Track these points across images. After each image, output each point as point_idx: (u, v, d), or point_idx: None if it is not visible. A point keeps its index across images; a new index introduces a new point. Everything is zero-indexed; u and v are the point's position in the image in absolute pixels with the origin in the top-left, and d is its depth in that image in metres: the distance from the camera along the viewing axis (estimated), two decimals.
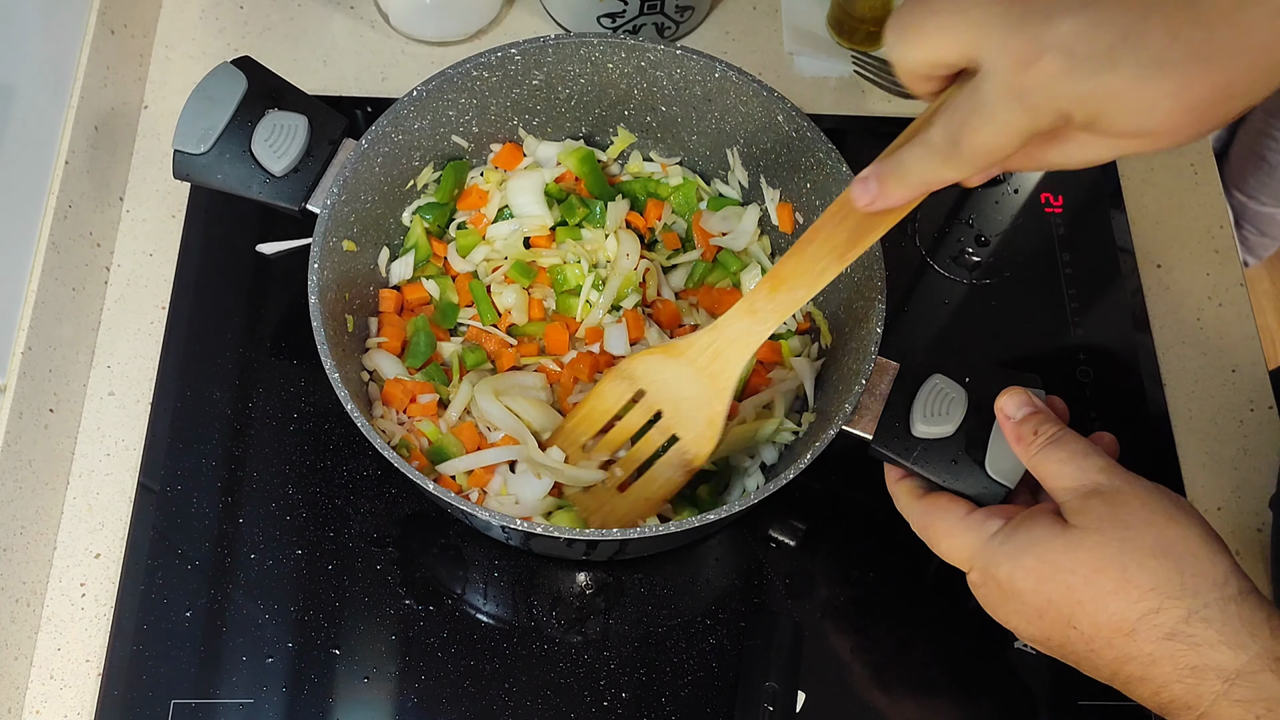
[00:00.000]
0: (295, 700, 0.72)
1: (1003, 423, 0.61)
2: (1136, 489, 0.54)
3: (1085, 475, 0.56)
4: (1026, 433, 0.59)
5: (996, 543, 0.57)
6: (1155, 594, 0.51)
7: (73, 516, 0.77)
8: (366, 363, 0.76)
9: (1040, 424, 0.59)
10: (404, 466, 0.62)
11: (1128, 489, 0.54)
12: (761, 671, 0.71)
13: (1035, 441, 0.58)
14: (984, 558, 0.57)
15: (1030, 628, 0.56)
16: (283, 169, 0.73)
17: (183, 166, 0.73)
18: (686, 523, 0.62)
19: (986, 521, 0.58)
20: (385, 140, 0.73)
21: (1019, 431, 0.60)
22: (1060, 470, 0.57)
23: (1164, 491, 0.55)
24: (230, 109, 0.73)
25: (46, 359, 0.75)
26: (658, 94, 0.78)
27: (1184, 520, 0.53)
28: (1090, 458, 0.56)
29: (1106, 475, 0.55)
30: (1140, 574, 0.52)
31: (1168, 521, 0.53)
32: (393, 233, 0.79)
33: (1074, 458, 0.56)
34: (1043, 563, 0.54)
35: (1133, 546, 0.52)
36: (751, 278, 0.79)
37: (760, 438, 0.73)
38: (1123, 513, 0.53)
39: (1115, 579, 0.52)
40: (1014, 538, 0.56)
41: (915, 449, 0.65)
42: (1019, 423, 0.60)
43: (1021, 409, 0.60)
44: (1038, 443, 0.58)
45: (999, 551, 0.56)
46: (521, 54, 0.74)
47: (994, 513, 0.59)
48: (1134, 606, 0.51)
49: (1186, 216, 0.92)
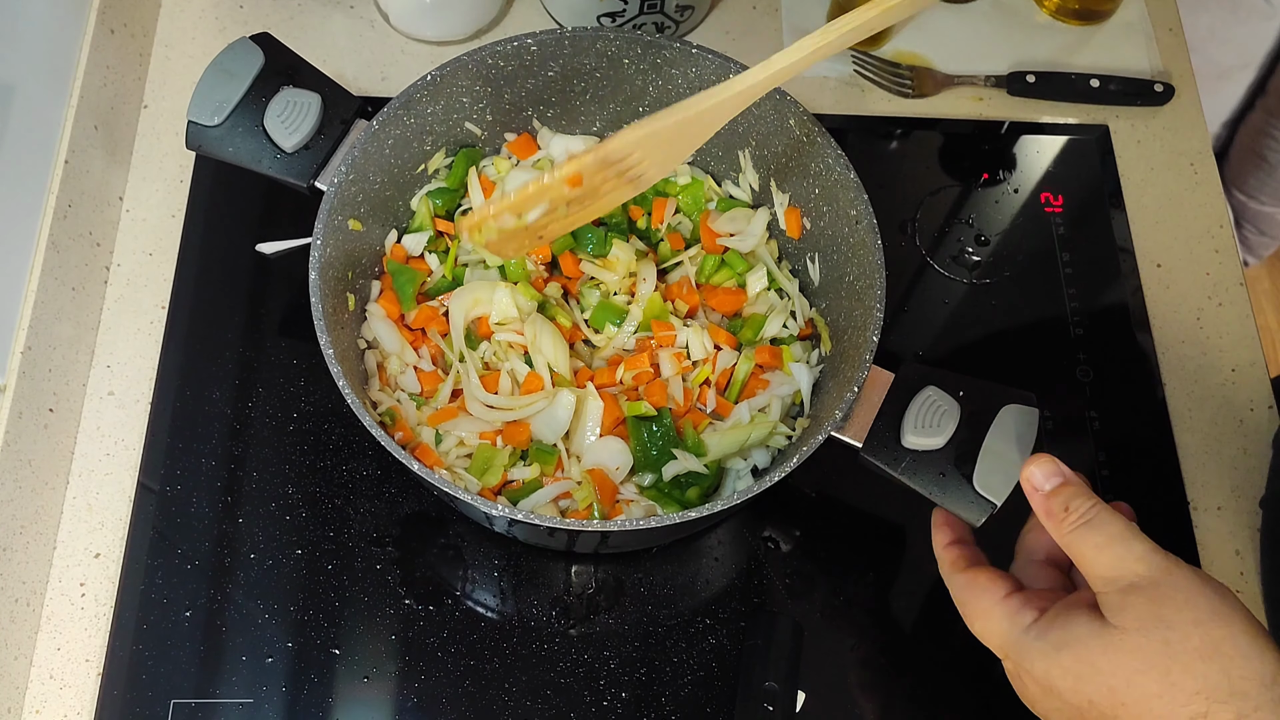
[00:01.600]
0: (295, 700, 0.72)
1: (1030, 494, 0.57)
2: (1179, 582, 0.51)
3: (1124, 565, 0.52)
4: (1057, 508, 0.55)
5: (1031, 636, 0.55)
6: (1201, 698, 0.49)
7: (73, 516, 0.77)
8: (365, 332, 0.76)
9: (1072, 499, 0.55)
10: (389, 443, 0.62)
11: (1169, 583, 0.51)
12: (761, 671, 0.72)
13: (1067, 519, 0.55)
14: (1018, 650, 0.55)
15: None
16: (294, 145, 0.73)
17: (195, 138, 0.74)
18: (669, 518, 0.62)
19: (1022, 611, 0.56)
20: (396, 122, 0.73)
21: (1049, 506, 0.56)
22: (1097, 557, 0.53)
23: (1206, 581, 0.52)
24: (246, 83, 0.74)
25: (46, 359, 0.75)
26: (672, 91, 0.78)
27: (1229, 615, 0.51)
28: (1129, 543, 0.53)
29: (1147, 565, 0.52)
30: (1185, 677, 0.50)
31: (1212, 619, 0.50)
32: (401, 215, 0.80)
33: (1111, 543, 0.53)
34: (1080, 663, 0.52)
35: (1177, 649, 0.50)
36: (758, 279, 0.79)
37: (753, 441, 0.73)
38: (1166, 610, 0.51)
39: (1159, 682, 0.50)
40: (1049, 634, 0.54)
41: (904, 459, 0.65)
42: (1048, 495, 0.56)
43: (1050, 479, 0.56)
44: (1070, 520, 0.55)
45: (1033, 647, 0.54)
46: (538, 44, 0.75)
47: (1030, 601, 0.56)
48: (1180, 711, 0.50)
49: (1186, 216, 0.92)
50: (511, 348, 0.74)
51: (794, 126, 0.74)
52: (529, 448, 0.72)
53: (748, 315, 0.79)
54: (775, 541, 0.78)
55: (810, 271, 0.79)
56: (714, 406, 0.75)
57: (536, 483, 0.71)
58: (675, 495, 0.72)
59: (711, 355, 0.76)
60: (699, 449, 0.72)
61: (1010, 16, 1.00)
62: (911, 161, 0.94)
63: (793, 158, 0.76)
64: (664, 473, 0.72)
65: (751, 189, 0.82)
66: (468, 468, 0.71)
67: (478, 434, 0.72)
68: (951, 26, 0.99)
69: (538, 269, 0.78)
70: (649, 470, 0.72)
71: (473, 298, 0.75)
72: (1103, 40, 0.99)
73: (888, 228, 0.71)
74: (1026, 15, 1.00)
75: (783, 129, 0.75)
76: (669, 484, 0.72)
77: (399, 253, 0.78)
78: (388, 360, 0.75)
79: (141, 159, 0.90)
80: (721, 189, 0.84)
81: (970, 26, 0.99)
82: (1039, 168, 0.94)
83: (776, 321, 0.78)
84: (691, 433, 0.73)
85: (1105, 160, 0.94)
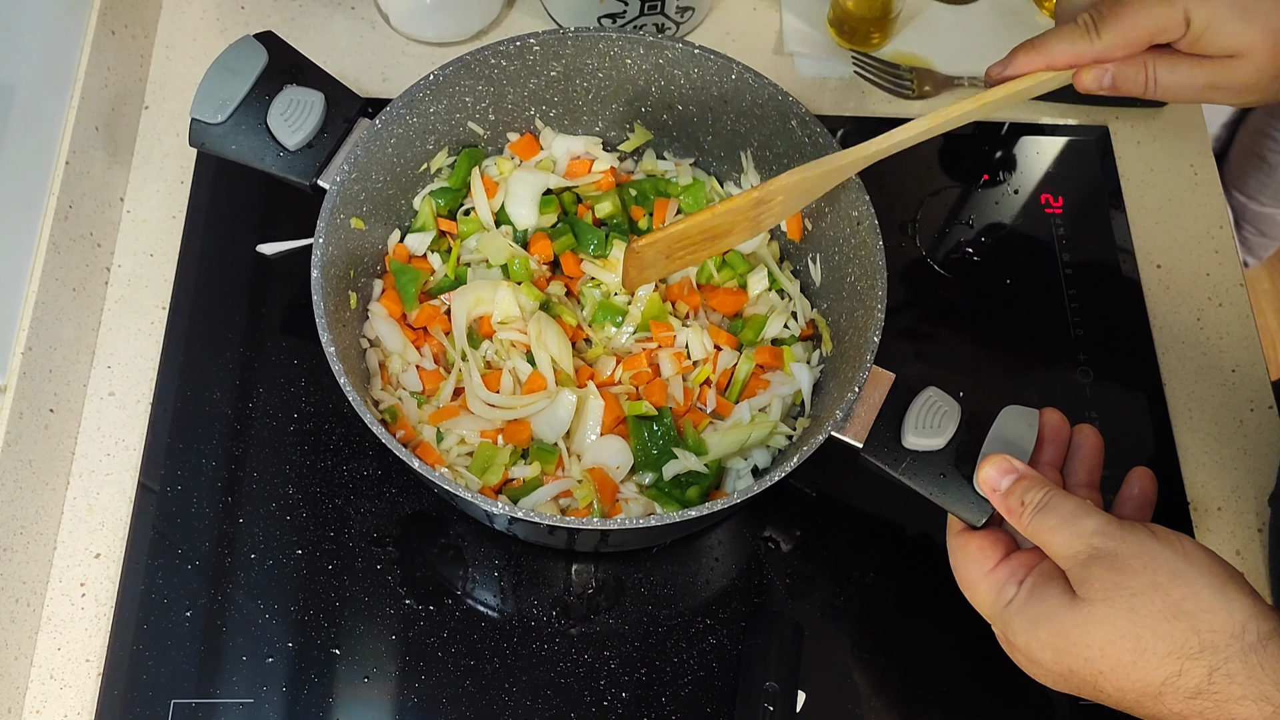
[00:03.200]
0: (295, 700, 0.72)
1: (989, 496, 0.59)
2: (1136, 548, 0.53)
3: (1080, 541, 0.54)
4: (1015, 504, 0.57)
5: (1012, 611, 0.57)
6: (1173, 658, 0.50)
7: (73, 516, 0.77)
8: (367, 331, 0.76)
9: (1026, 491, 0.57)
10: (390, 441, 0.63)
11: (1126, 550, 0.53)
12: (761, 671, 0.72)
13: (1025, 511, 0.57)
14: (1003, 623, 0.57)
15: (1060, 686, 0.56)
16: (297, 144, 0.74)
17: (198, 135, 0.74)
18: (668, 517, 0.62)
19: (1006, 585, 0.58)
20: (399, 121, 0.74)
21: (1008, 505, 0.58)
22: (1054, 539, 0.55)
23: (1166, 541, 0.53)
24: (249, 81, 0.74)
25: (47, 359, 0.75)
26: (675, 92, 0.78)
27: (1187, 572, 0.52)
28: (1080, 520, 0.55)
29: (1102, 538, 0.54)
30: (1155, 640, 0.51)
31: (1173, 580, 0.52)
32: (403, 214, 0.80)
33: (1064, 523, 0.55)
34: (1056, 636, 0.54)
35: (1143, 614, 0.51)
36: (759, 280, 0.79)
37: (754, 440, 0.73)
38: (1126, 578, 0.52)
39: (1131, 650, 0.51)
40: (1026, 609, 0.56)
41: (905, 460, 0.65)
42: (1005, 495, 0.58)
43: (1005, 478, 0.58)
44: (1027, 513, 0.56)
45: (1014, 621, 0.56)
46: (541, 44, 0.75)
47: (1015, 573, 0.58)
48: (1155, 673, 0.51)
49: (1186, 216, 0.92)
50: (514, 347, 0.75)
51: (795, 128, 0.74)
52: (530, 446, 0.72)
53: (749, 316, 0.79)
54: (775, 541, 0.78)
55: (812, 272, 0.79)
56: (714, 406, 0.75)
57: (537, 481, 0.71)
58: (675, 495, 0.72)
59: (712, 355, 0.76)
60: (699, 448, 0.72)
61: (1010, 17, 1.00)
62: (911, 162, 0.93)
63: (794, 159, 0.76)
64: (664, 472, 0.72)
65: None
66: (468, 466, 0.71)
67: (479, 432, 0.72)
68: (951, 27, 0.99)
69: (540, 269, 0.78)
70: (649, 469, 0.72)
71: (475, 297, 0.75)
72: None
73: (888, 228, 0.71)
74: (1026, 15, 1.00)
75: (784, 130, 0.75)
76: (669, 483, 0.72)
77: (402, 252, 0.78)
78: (389, 359, 0.75)
79: (142, 160, 0.90)
80: (724, 190, 0.84)
81: (970, 27, 0.99)
82: (1039, 168, 0.94)
83: (778, 322, 0.78)
84: (692, 432, 0.73)
85: (1105, 161, 0.94)
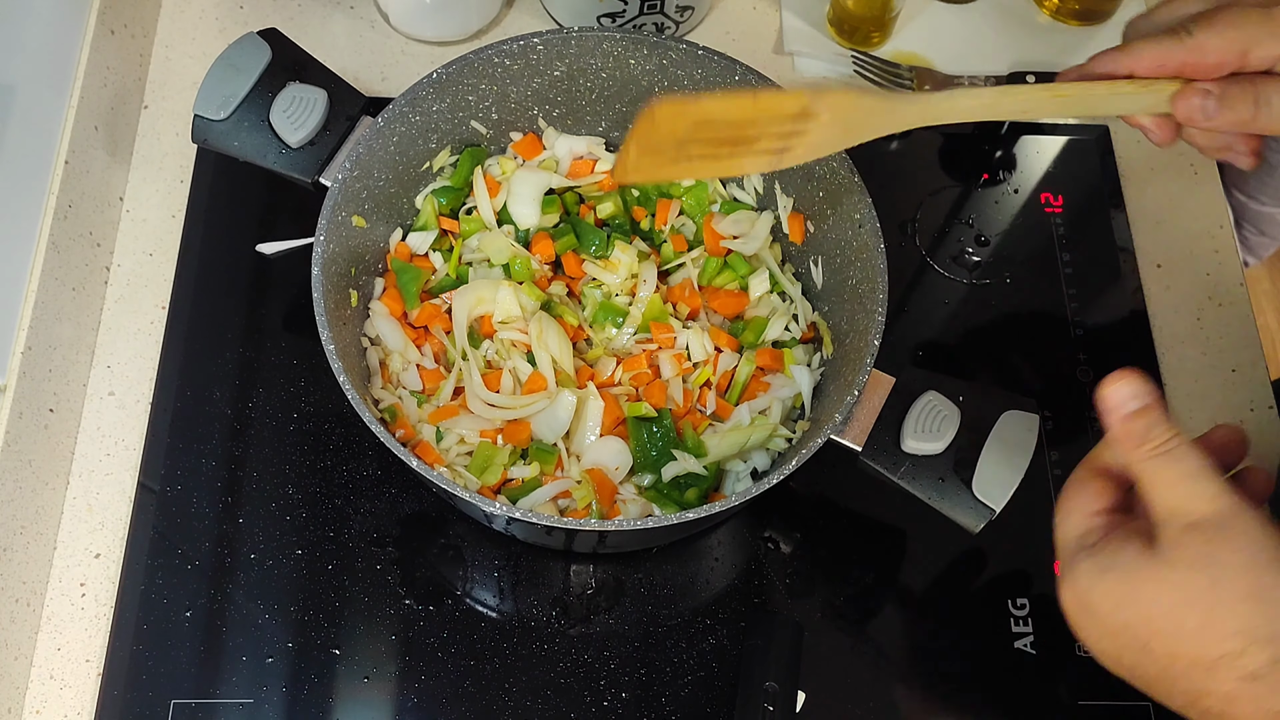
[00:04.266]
0: (295, 700, 0.72)
1: (1108, 412, 0.54)
2: (1242, 525, 0.50)
3: (1192, 503, 0.51)
4: (1137, 431, 0.52)
5: (1087, 552, 0.53)
6: (1240, 637, 0.49)
7: (73, 516, 0.77)
8: (368, 329, 0.76)
9: (1153, 425, 0.52)
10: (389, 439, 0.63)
11: (1232, 525, 0.50)
12: (761, 671, 0.71)
13: (1145, 446, 0.52)
14: (1069, 562, 0.54)
15: (1102, 644, 0.53)
16: (299, 141, 0.74)
17: (201, 131, 0.74)
18: (667, 519, 0.62)
19: (1094, 531, 0.54)
20: (402, 120, 0.74)
21: (1129, 429, 0.53)
22: (1168, 491, 0.51)
23: (1272, 530, 0.50)
24: (252, 78, 0.74)
25: (46, 359, 0.75)
26: (678, 93, 0.78)
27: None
28: (1202, 482, 0.51)
29: (1215, 506, 0.50)
30: (1227, 617, 0.49)
31: (1267, 569, 0.49)
32: (406, 213, 0.80)
33: (1184, 479, 0.51)
34: (1124, 585, 0.51)
35: (1225, 589, 0.49)
36: (760, 282, 0.79)
37: (753, 443, 0.73)
38: (1221, 552, 0.49)
39: (1200, 618, 0.49)
40: (1101, 552, 0.53)
41: (904, 464, 0.65)
42: (1130, 416, 0.53)
43: (1136, 399, 0.53)
44: (1147, 449, 0.52)
45: (1085, 561, 0.53)
46: (544, 44, 0.75)
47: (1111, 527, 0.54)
48: (1216, 647, 0.49)
49: (1186, 216, 0.92)
50: (514, 346, 0.75)
51: None
52: (529, 447, 0.72)
53: (750, 318, 0.79)
54: (775, 542, 0.78)
55: (813, 275, 0.79)
56: (714, 408, 0.75)
57: (536, 481, 0.71)
58: (674, 496, 0.72)
59: (712, 357, 0.76)
60: (699, 450, 0.72)
61: (1010, 16, 1.00)
62: (911, 162, 0.94)
63: None
64: (663, 474, 0.72)
65: (756, 191, 0.82)
66: (467, 466, 0.71)
67: (478, 432, 0.72)
68: (951, 27, 0.99)
69: (541, 269, 0.78)
70: (648, 471, 0.72)
71: (476, 296, 0.75)
72: (1103, 41, 0.99)
73: (888, 228, 0.70)
74: (1027, 15, 1.00)
75: None
76: (668, 485, 0.72)
77: (403, 251, 0.78)
78: (390, 357, 0.75)
79: (142, 159, 0.90)
80: (726, 191, 0.84)
81: (970, 27, 0.99)
82: (1039, 168, 0.94)
83: (779, 324, 0.78)
84: (691, 434, 0.73)
85: (1105, 161, 0.94)
